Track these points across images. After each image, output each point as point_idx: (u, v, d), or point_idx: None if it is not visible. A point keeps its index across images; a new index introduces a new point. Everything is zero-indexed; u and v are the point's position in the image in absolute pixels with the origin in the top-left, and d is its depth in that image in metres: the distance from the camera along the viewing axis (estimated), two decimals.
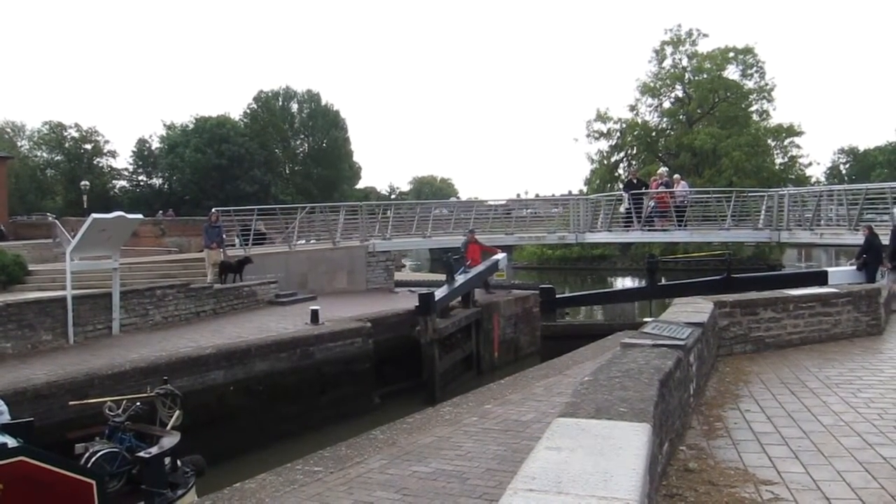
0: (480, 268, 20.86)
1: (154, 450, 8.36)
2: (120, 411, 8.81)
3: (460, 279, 19.22)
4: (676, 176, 28.49)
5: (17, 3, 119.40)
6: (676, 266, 37.88)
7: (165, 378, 10.23)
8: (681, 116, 55.67)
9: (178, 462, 8.72)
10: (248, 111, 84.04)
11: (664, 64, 56.41)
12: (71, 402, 9.82)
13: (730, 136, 48.79)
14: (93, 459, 8.00)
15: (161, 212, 40.08)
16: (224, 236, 20.86)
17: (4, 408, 8.15)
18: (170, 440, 8.67)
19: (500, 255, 22.44)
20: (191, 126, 77.04)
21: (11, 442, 7.03)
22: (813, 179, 59.43)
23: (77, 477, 7.06)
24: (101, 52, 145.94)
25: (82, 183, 52.35)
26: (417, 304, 16.91)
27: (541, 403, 8.36)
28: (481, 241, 23.53)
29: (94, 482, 7.16)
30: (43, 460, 6.81)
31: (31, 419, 8.20)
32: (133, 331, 15.56)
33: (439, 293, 17.62)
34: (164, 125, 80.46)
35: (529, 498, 2.44)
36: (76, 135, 76.74)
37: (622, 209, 25.77)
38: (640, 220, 24.57)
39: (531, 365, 13.61)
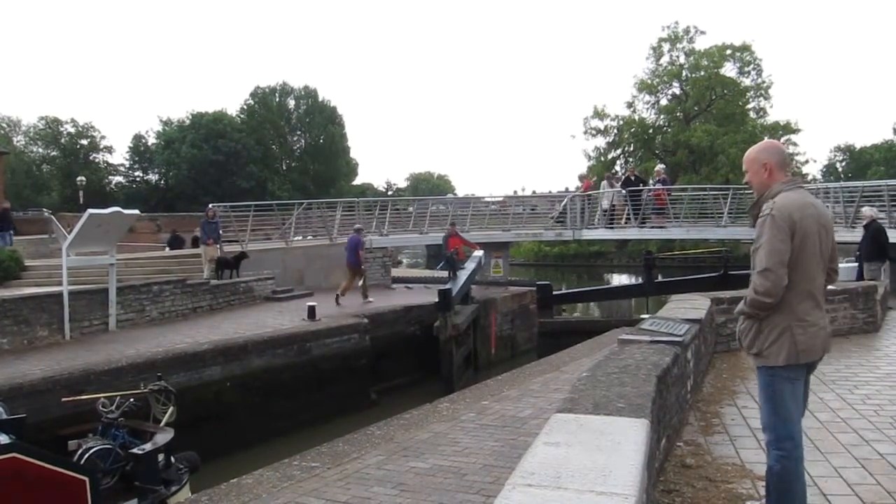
0: (473, 265, 20.96)
1: (147, 446, 8.33)
2: (113, 408, 8.77)
3: (462, 275, 19.34)
4: (658, 168, 28.64)
5: None
6: (673, 263, 37.91)
7: (159, 374, 10.21)
8: (678, 113, 55.65)
9: (172, 458, 8.68)
10: (244, 107, 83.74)
11: (661, 61, 56.40)
12: (64, 399, 9.78)
13: (727, 134, 48.81)
14: (86, 456, 7.96)
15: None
16: (221, 232, 20.83)
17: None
18: (163, 437, 8.65)
19: (480, 252, 22.56)
20: (187, 122, 76.78)
21: (3, 438, 6.98)
22: (809, 177, 59.57)
23: (70, 474, 7.02)
24: (98, 48, 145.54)
25: (78, 178, 52.21)
26: (437, 300, 16.99)
27: (538, 399, 8.34)
28: (480, 238, 23.58)
29: (86, 479, 7.12)
30: (35, 457, 6.76)
31: (24, 416, 8.16)
32: (129, 326, 15.52)
33: (454, 289, 17.77)
34: (161, 121, 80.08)
35: (528, 493, 2.43)
36: (72, 130, 76.50)
37: (605, 204, 25.77)
38: (637, 217, 24.58)
39: (528, 361, 13.60)
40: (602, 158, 55.78)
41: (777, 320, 3.84)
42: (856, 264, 16.43)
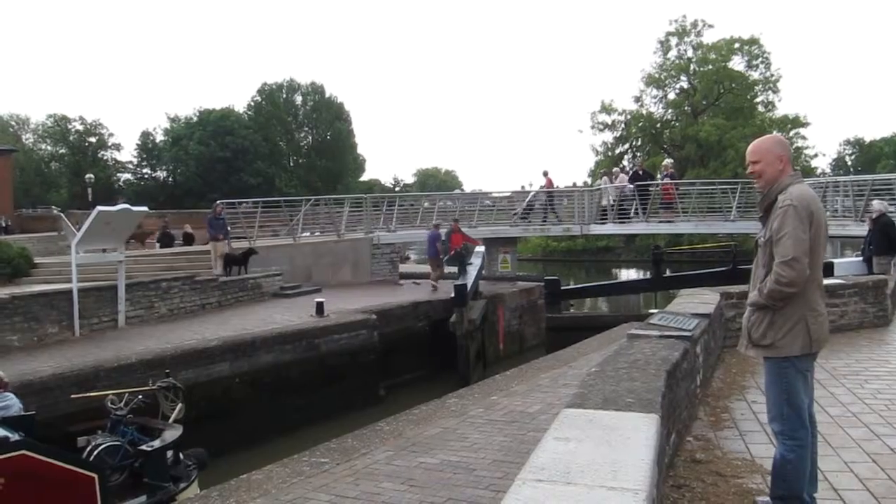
0: (478, 260, 21.07)
1: (156, 443, 8.36)
2: (122, 404, 8.81)
3: (472, 270, 19.43)
4: (666, 162, 28.60)
5: None
6: (681, 258, 37.81)
7: (167, 371, 10.24)
8: (686, 108, 55.49)
9: (181, 455, 8.71)
10: (251, 103, 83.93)
11: (669, 55, 56.26)
12: (73, 396, 9.84)
13: (735, 128, 48.67)
14: (95, 453, 8.00)
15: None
16: (228, 228, 20.86)
17: (15, 400, 8.15)
18: (172, 433, 8.68)
19: (481, 248, 22.71)
20: (195, 119, 77.09)
21: (13, 436, 7.01)
22: (818, 171, 59.36)
23: (79, 470, 7.05)
24: (106, 45, 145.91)
25: (87, 176, 52.38)
26: (454, 295, 17.28)
27: (546, 395, 8.33)
28: (487, 233, 23.63)
29: (95, 476, 7.16)
30: (44, 454, 6.80)
31: (33, 413, 8.20)
32: (138, 323, 15.60)
33: (470, 284, 18.01)
34: (169, 118, 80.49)
35: (538, 488, 2.42)
36: (80, 128, 76.86)
37: (606, 202, 25.71)
38: (645, 211, 24.53)
39: (536, 357, 13.58)
40: (610, 153, 55.70)
41: (791, 311, 3.87)
42: (860, 258, 16.34)
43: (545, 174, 28.28)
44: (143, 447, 8.26)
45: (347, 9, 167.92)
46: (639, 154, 54.66)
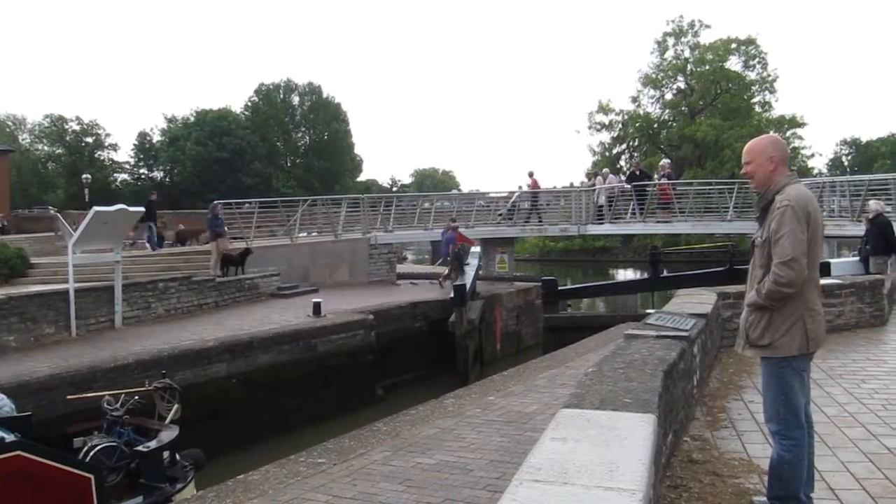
0: (475, 261, 21.16)
1: (152, 444, 8.32)
2: (118, 405, 8.77)
3: (470, 271, 19.50)
4: (663, 163, 28.65)
5: None
6: (679, 258, 37.82)
7: (164, 372, 10.22)
8: (683, 108, 55.62)
9: (177, 456, 8.68)
10: (249, 104, 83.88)
11: (666, 55, 56.42)
12: (69, 397, 9.80)
13: (732, 128, 48.75)
14: (91, 453, 7.96)
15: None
16: (226, 228, 20.83)
17: (6, 401, 8.12)
18: (168, 434, 8.64)
19: (477, 248, 22.86)
20: (192, 119, 76.99)
21: (9, 436, 6.99)
22: (815, 171, 59.43)
23: (75, 471, 7.02)
24: (103, 45, 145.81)
25: (84, 176, 52.34)
26: (452, 295, 17.32)
27: (543, 395, 8.32)
28: (485, 233, 23.75)
29: (92, 476, 7.12)
30: (40, 455, 6.76)
31: (29, 413, 8.16)
32: (135, 323, 15.57)
33: (468, 284, 18.14)
34: (166, 118, 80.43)
35: (535, 488, 2.41)
36: (77, 128, 76.72)
37: (602, 200, 25.74)
38: (642, 211, 24.55)
39: (533, 357, 13.55)
40: (607, 153, 55.82)
41: (790, 310, 3.89)
42: (857, 258, 16.38)
43: (530, 175, 28.37)
44: (140, 448, 8.22)
45: (345, 9, 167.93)
46: (636, 154, 54.76)
